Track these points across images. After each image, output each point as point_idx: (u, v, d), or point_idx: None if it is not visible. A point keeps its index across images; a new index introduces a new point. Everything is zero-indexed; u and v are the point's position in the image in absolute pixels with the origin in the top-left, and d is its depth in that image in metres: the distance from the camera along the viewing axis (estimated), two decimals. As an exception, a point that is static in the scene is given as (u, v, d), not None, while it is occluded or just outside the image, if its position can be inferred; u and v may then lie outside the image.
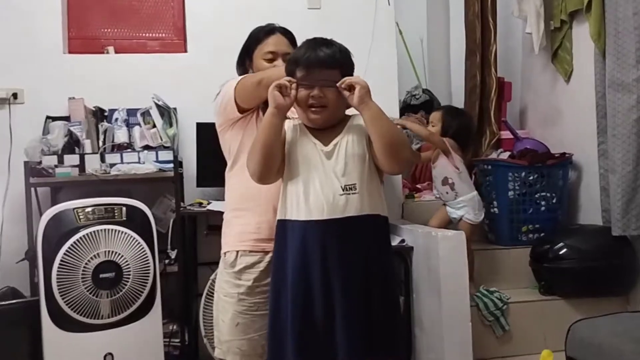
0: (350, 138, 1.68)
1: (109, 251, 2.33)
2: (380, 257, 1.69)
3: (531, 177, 3.22)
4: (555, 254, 2.93)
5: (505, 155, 3.39)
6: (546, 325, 2.88)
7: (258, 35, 1.99)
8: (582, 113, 3.20)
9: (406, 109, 4.25)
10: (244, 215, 1.85)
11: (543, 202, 3.23)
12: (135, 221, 2.42)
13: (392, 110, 3.42)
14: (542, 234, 3.20)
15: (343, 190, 1.63)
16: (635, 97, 2.77)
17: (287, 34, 2.00)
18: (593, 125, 3.03)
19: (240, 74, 2.00)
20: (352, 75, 1.70)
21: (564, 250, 2.92)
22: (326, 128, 1.71)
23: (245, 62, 2.03)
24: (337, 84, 1.63)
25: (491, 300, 2.87)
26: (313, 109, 1.65)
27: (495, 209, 3.30)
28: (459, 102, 4.24)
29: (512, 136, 3.56)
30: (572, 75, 3.34)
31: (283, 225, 1.67)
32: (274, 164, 1.67)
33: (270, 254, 1.79)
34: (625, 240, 2.90)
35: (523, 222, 3.24)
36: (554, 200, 3.24)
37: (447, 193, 3.07)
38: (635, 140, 2.78)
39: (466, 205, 3.03)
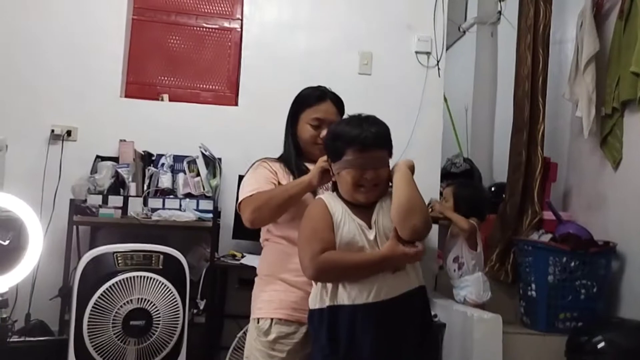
0: (382, 212, 1.65)
1: (141, 298, 2.33)
2: (428, 328, 1.67)
3: (572, 264, 3.11)
4: (593, 347, 2.80)
5: (546, 238, 3.31)
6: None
7: (309, 100, 1.96)
8: (629, 202, 3.12)
9: (446, 176, 4.20)
10: (280, 283, 1.81)
11: (583, 291, 3.11)
12: (170, 270, 2.42)
13: (433, 179, 3.44)
14: (579, 324, 3.06)
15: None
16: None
17: (338, 103, 1.98)
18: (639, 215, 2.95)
19: (286, 134, 1.99)
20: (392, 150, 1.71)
21: (603, 344, 2.78)
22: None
23: (293, 122, 1.99)
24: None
25: (523, 389, 2.74)
26: (364, 188, 1.62)
27: (533, 292, 3.19)
28: (500, 173, 4.20)
29: (554, 218, 3.49)
30: (620, 163, 3.28)
31: (333, 311, 1.59)
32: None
33: (305, 326, 1.75)
34: (670, 341, 2.76)
35: (561, 309, 3.12)
36: (595, 290, 3.11)
37: (454, 271, 3.10)
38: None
39: (469, 285, 3.03)
